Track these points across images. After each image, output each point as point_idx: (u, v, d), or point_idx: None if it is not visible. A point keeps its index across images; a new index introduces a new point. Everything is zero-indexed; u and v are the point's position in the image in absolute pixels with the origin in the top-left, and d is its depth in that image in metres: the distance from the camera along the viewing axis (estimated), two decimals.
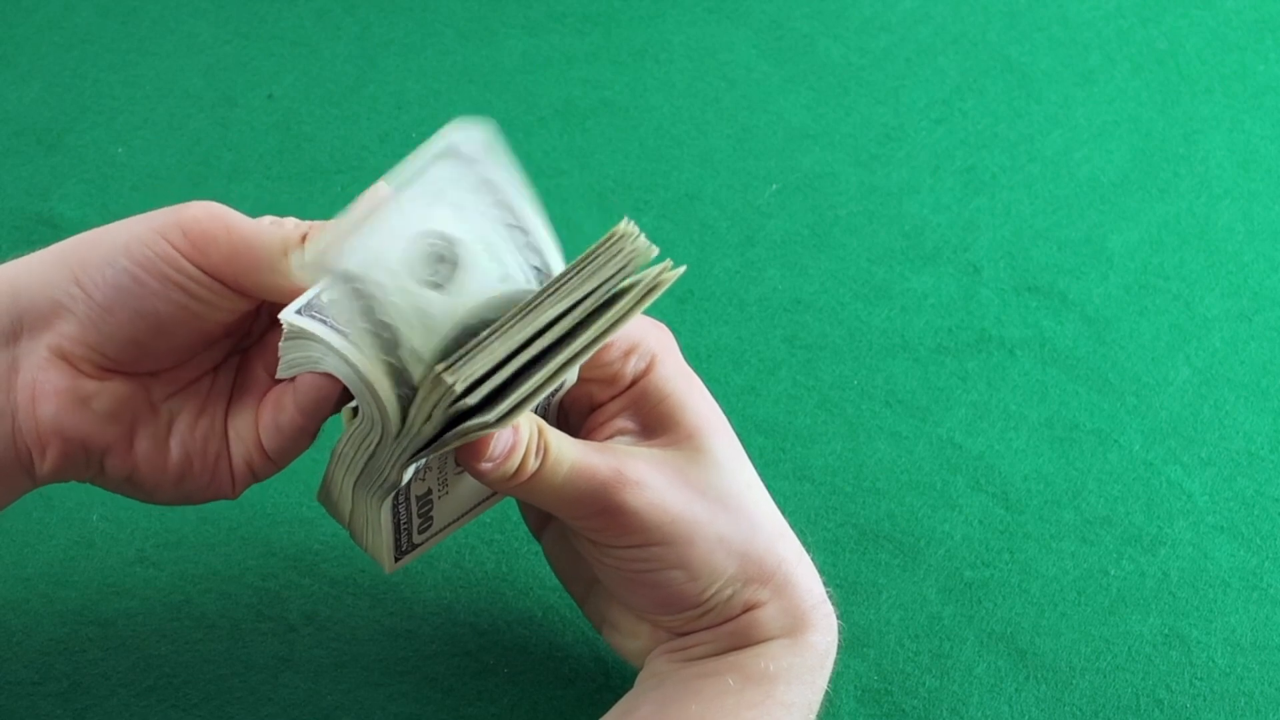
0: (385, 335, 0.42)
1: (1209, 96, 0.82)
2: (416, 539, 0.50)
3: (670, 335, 0.51)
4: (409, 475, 0.45)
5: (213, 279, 0.45)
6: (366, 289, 0.43)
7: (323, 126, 0.77)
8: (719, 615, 0.49)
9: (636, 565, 0.48)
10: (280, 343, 0.46)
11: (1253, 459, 0.65)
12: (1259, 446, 0.65)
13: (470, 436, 0.43)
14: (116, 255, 0.45)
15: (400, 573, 0.58)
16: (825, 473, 0.63)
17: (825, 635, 0.50)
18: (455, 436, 0.43)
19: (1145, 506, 0.63)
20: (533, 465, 0.46)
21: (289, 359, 0.46)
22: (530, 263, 0.45)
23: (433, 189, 0.45)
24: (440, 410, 0.42)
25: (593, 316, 0.43)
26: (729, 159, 0.77)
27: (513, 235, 0.45)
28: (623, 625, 0.52)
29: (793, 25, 0.84)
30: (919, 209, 0.75)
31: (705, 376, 0.51)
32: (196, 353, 0.48)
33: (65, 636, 0.55)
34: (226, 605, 0.57)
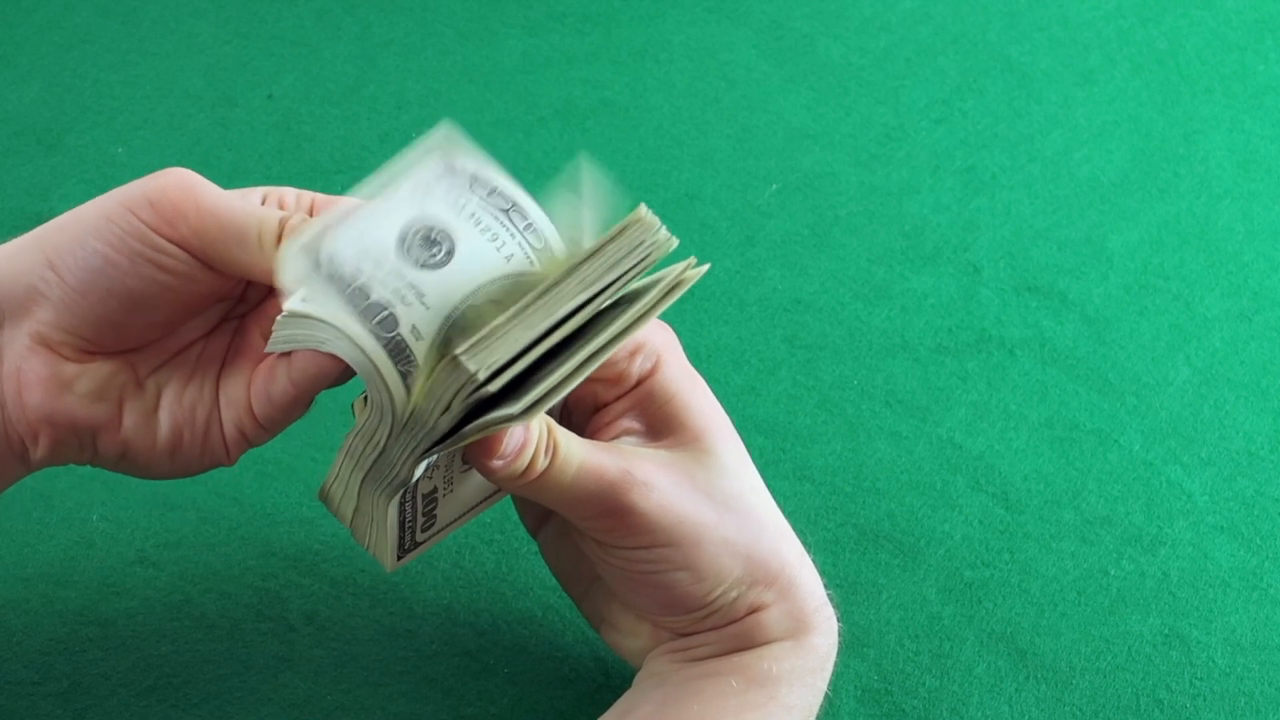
0: (382, 315, 0.42)
1: (1209, 96, 0.82)
2: (419, 537, 0.50)
3: (674, 335, 0.51)
4: (420, 472, 0.45)
5: (185, 252, 0.45)
6: (357, 275, 0.43)
7: (323, 126, 0.77)
8: (723, 617, 0.49)
9: (642, 566, 0.48)
10: (278, 319, 0.45)
11: (1253, 459, 0.65)
12: (1259, 446, 0.65)
13: (491, 430, 0.42)
14: (86, 236, 0.44)
15: (400, 572, 0.58)
16: (825, 473, 0.63)
17: (827, 638, 0.50)
18: (475, 429, 0.42)
19: (1145, 506, 0.63)
20: (542, 464, 0.45)
21: (285, 334, 0.45)
22: (532, 244, 0.45)
23: (422, 184, 0.45)
24: (460, 400, 0.42)
25: (614, 309, 0.43)
26: (729, 159, 0.77)
27: (511, 219, 0.45)
28: (623, 625, 0.52)
29: (793, 25, 0.84)
30: (919, 209, 0.75)
31: (705, 376, 0.51)
32: (180, 325, 0.47)
33: (65, 636, 0.55)
34: (226, 605, 0.57)
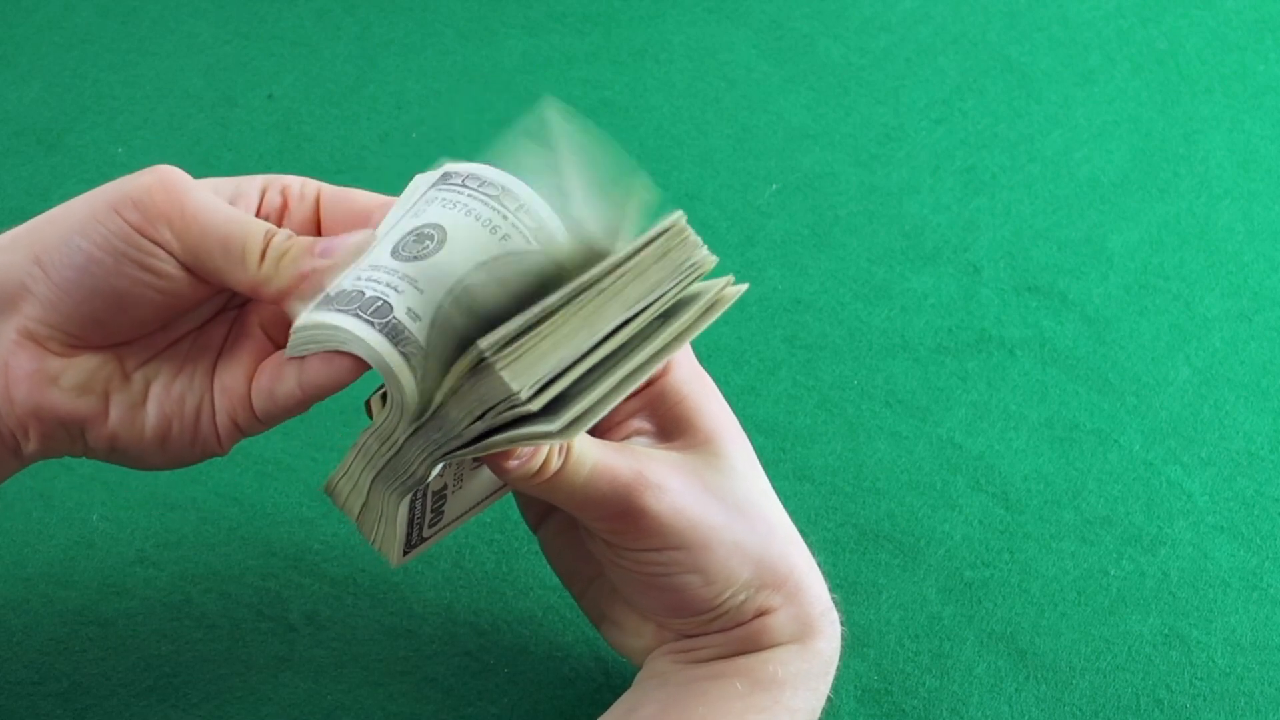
0: (376, 306, 0.42)
1: (1209, 96, 0.82)
2: (426, 533, 0.50)
3: None
4: (435, 472, 0.45)
5: (168, 254, 0.44)
6: (355, 285, 0.43)
7: (323, 126, 0.77)
8: (730, 620, 0.49)
9: (652, 568, 0.48)
10: (293, 327, 0.45)
11: (1253, 459, 0.65)
12: (1259, 446, 0.65)
13: (525, 444, 0.42)
14: (72, 234, 0.44)
15: (400, 572, 0.58)
16: (825, 473, 0.63)
17: (831, 642, 0.50)
18: (505, 441, 0.42)
19: (1145, 506, 0.63)
20: (555, 464, 0.45)
21: (304, 335, 0.45)
22: (526, 224, 0.44)
23: (420, 204, 0.46)
24: (496, 414, 0.41)
25: (654, 327, 0.42)
26: (729, 159, 0.77)
27: (502, 202, 0.45)
28: (626, 623, 0.52)
29: (793, 25, 0.84)
30: (919, 209, 0.75)
31: None
32: (165, 325, 0.47)
33: (65, 636, 0.55)
34: (226, 605, 0.57)
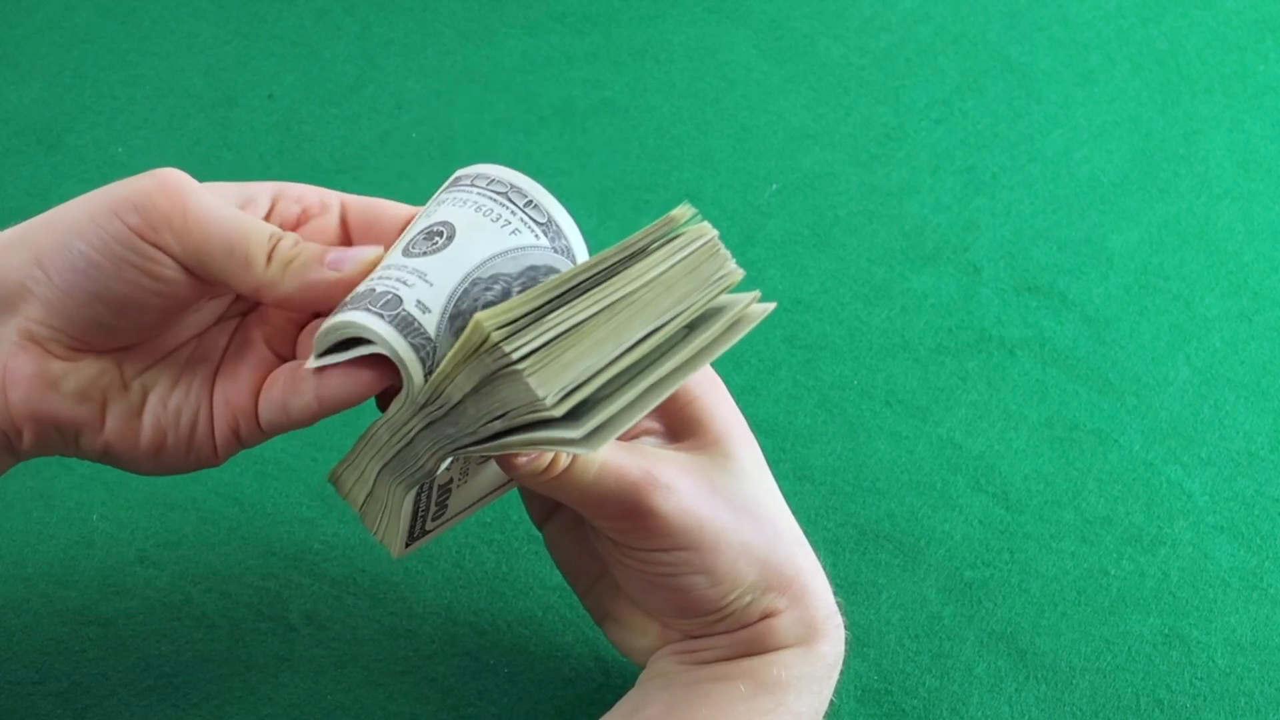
0: (386, 299, 0.43)
1: (1209, 96, 0.82)
2: (429, 526, 0.50)
3: None
4: (444, 466, 0.45)
5: (169, 257, 0.44)
6: (368, 284, 0.43)
7: (323, 126, 0.77)
8: (736, 621, 0.49)
9: (660, 569, 0.48)
10: (315, 337, 0.45)
11: (1253, 459, 0.65)
12: (1259, 446, 0.65)
13: (544, 448, 0.42)
14: (72, 237, 0.44)
15: (400, 572, 0.58)
16: (825, 473, 0.63)
17: (835, 646, 0.50)
18: (523, 443, 0.42)
19: (1145, 506, 0.63)
20: (564, 461, 0.45)
21: (322, 341, 0.45)
22: (535, 219, 0.45)
23: (430, 207, 0.46)
24: (517, 416, 0.41)
25: (678, 336, 0.43)
26: (729, 159, 0.77)
27: (510, 199, 0.45)
28: (631, 623, 0.52)
29: (793, 25, 0.85)
30: (919, 209, 0.75)
31: None
32: (171, 326, 0.47)
33: (65, 636, 0.55)
34: (227, 605, 0.57)
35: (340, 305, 0.44)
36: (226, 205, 0.45)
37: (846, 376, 0.67)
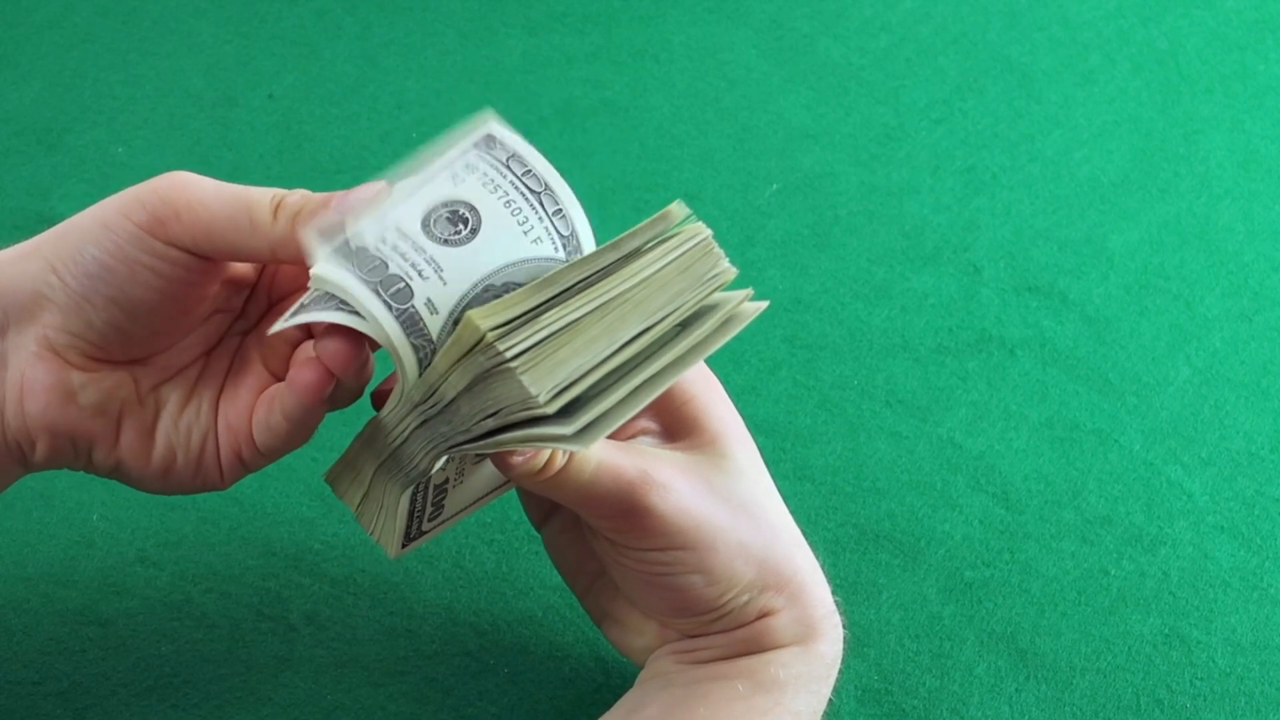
0: (398, 287, 0.42)
1: (1209, 96, 0.82)
2: (425, 526, 0.50)
3: None
4: (439, 465, 0.45)
5: (180, 250, 0.45)
6: (379, 249, 0.42)
7: (323, 126, 0.77)
8: (733, 620, 0.49)
9: (656, 568, 0.48)
10: (311, 272, 0.44)
11: (1253, 459, 0.65)
12: (1259, 446, 0.65)
13: (537, 445, 0.42)
14: (85, 243, 0.44)
15: (400, 572, 0.58)
16: (825, 473, 0.63)
17: (833, 645, 0.50)
18: (517, 440, 0.42)
19: (1145, 506, 0.63)
20: (560, 461, 0.45)
21: (321, 285, 0.43)
22: (560, 230, 0.45)
23: (455, 161, 0.45)
24: (510, 413, 0.41)
25: (671, 334, 0.43)
26: (729, 159, 0.77)
27: (542, 202, 0.45)
28: (629, 623, 0.52)
29: (793, 25, 0.85)
30: (919, 209, 0.75)
31: None
32: (184, 333, 0.47)
33: (65, 636, 0.55)
34: (226, 605, 0.57)
35: (345, 248, 0.42)
36: (227, 185, 0.45)
37: (846, 376, 0.67)
